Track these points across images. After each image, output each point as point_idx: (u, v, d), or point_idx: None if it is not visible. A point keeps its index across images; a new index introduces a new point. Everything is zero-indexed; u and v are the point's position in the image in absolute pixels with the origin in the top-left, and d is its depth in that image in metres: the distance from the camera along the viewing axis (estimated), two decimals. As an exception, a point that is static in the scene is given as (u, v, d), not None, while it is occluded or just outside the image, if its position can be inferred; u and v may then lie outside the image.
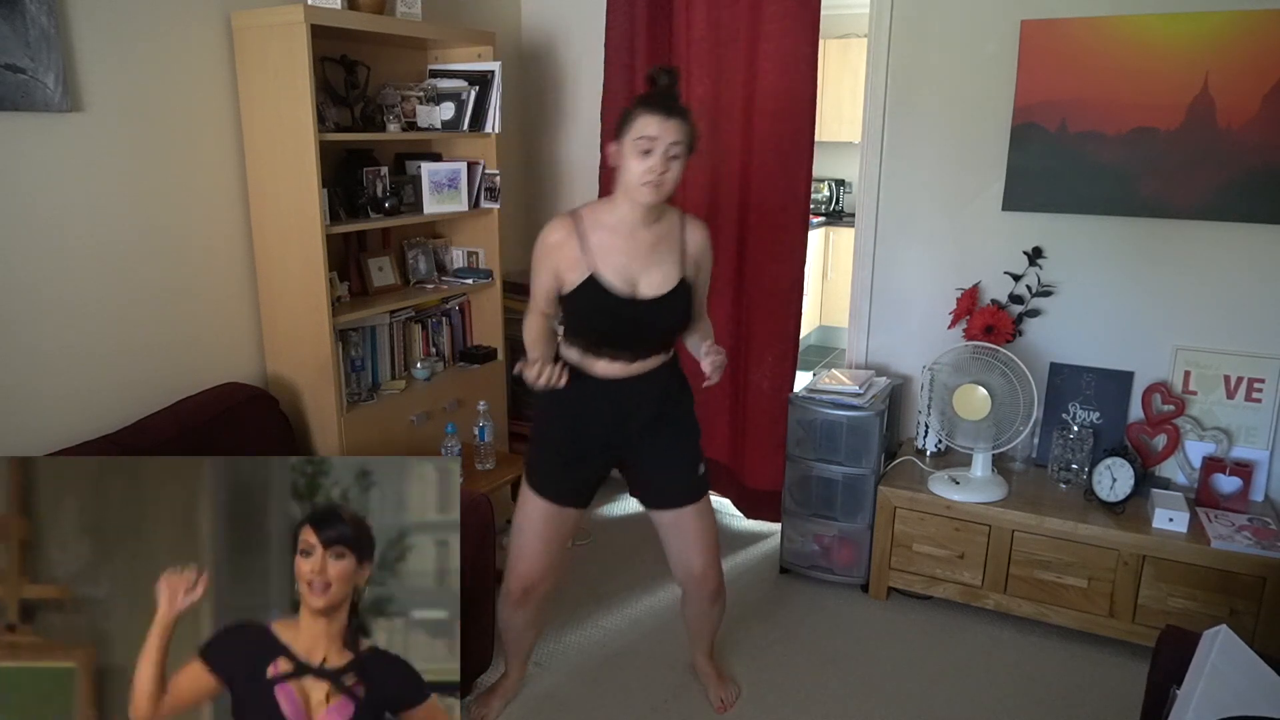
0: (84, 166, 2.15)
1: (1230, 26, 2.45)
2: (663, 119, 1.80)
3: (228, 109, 2.48)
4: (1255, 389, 2.62)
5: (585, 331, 1.97)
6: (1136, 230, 2.71)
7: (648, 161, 1.81)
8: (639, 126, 1.81)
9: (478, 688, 2.36)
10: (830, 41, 5.77)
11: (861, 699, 2.38)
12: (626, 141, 1.84)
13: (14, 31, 1.95)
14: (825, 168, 6.07)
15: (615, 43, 3.19)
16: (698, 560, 2.11)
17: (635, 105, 1.86)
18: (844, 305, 3.56)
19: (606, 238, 1.91)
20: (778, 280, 3.10)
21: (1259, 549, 2.33)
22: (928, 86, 2.91)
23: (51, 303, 2.12)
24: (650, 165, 1.81)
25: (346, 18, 2.43)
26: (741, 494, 3.39)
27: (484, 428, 2.93)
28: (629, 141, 1.83)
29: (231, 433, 2.30)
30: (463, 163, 2.93)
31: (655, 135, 1.80)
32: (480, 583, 2.19)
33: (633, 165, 1.83)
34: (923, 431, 2.99)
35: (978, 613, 2.77)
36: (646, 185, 1.82)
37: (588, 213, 1.95)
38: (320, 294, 2.48)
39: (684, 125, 1.84)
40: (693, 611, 2.27)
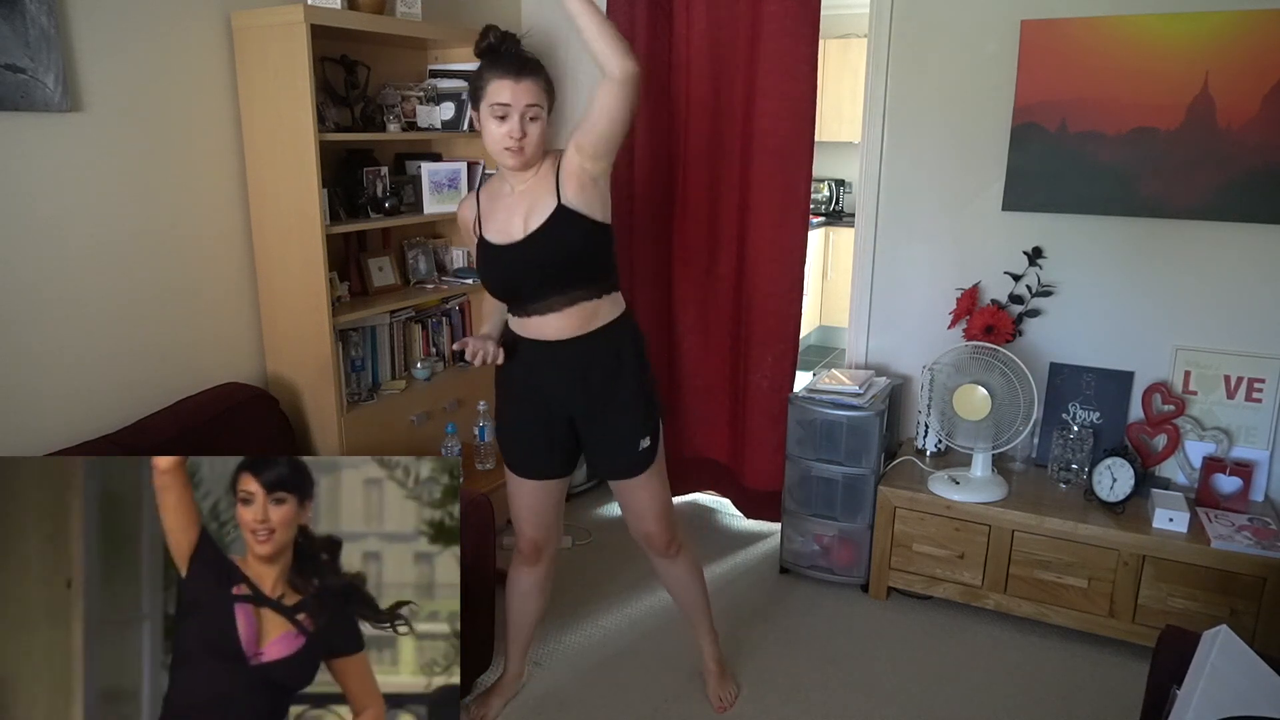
0: (84, 166, 2.15)
1: (1230, 26, 2.46)
2: (514, 82, 1.77)
3: (228, 109, 2.48)
4: (1255, 389, 2.62)
5: (493, 290, 1.99)
6: (1136, 230, 2.71)
7: (504, 127, 1.78)
8: (491, 92, 1.78)
9: (478, 687, 2.36)
10: (830, 41, 5.77)
11: (861, 699, 2.38)
12: (483, 107, 1.80)
13: (14, 31, 1.95)
14: (825, 168, 6.07)
15: (615, 43, 3.19)
16: (641, 524, 2.13)
17: (482, 67, 1.81)
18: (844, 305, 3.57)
19: (494, 202, 1.93)
20: (777, 280, 3.10)
21: (1259, 549, 2.33)
22: (928, 86, 2.91)
23: (51, 303, 2.12)
24: (508, 130, 1.78)
25: (346, 18, 2.44)
26: (742, 494, 3.39)
27: (484, 427, 2.94)
28: (484, 107, 1.79)
29: (231, 433, 2.30)
30: (463, 163, 2.94)
31: (508, 101, 1.77)
32: (480, 583, 2.20)
33: (491, 131, 1.80)
34: (923, 431, 2.99)
35: (978, 613, 2.77)
36: (507, 151, 1.80)
37: (487, 184, 1.98)
38: (320, 294, 2.48)
39: (538, 84, 1.79)
40: (663, 577, 2.27)
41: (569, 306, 1.90)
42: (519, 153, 1.80)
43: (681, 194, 3.26)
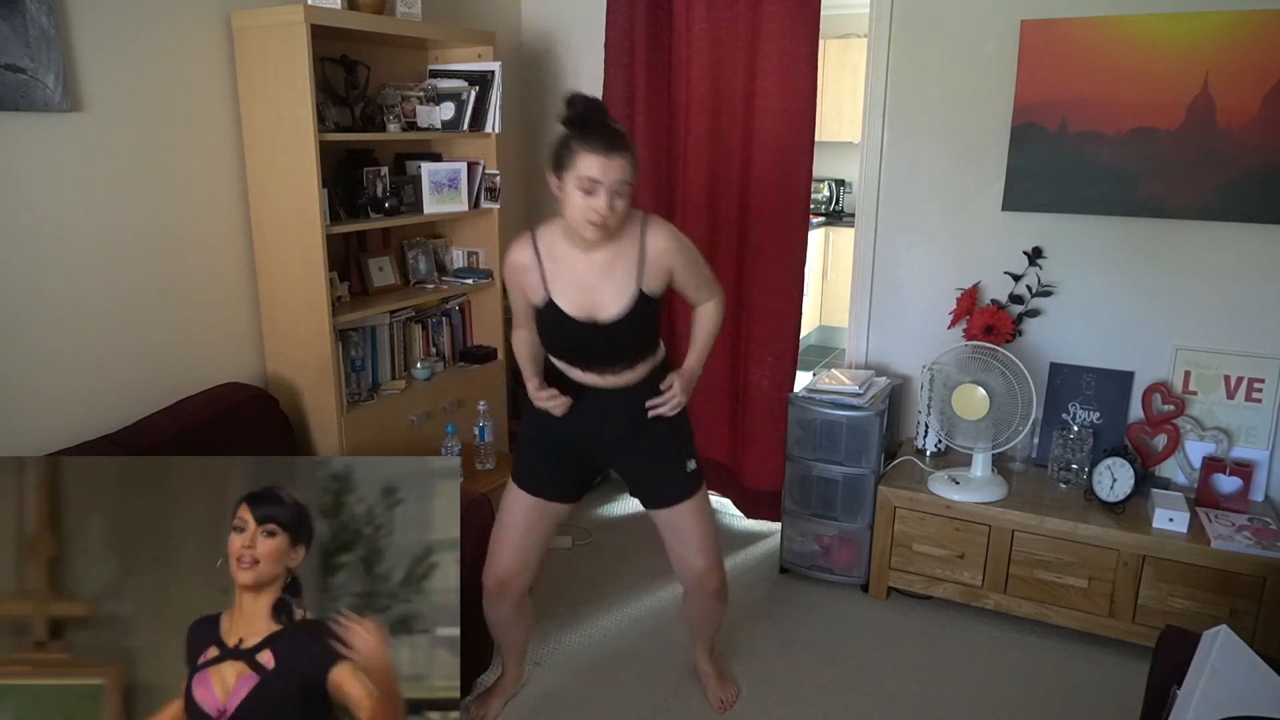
0: (84, 166, 2.15)
1: (1230, 26, 2.45)
2: (604, 159, 1.73)
3: (228, 109, 2.48)
4: (1255, 389, 2.62)
5: (553, 351, 2.00)
6: (1136, 230, 2.71)
7: (592, 202, 1.75)
8: (581, 166, 1.74)
9: (478, 688, 2.36)
10: (830, 41, 5.77)
11: (861, 699, 2.38)
12: (569, 178, 1.77)
13: (14, 31, 1.94)
14: (825, 168, 6.07)
15: (615, 43, 3.19)
16: (697, 560, 2.11)
17: (573, 138, 1.77)
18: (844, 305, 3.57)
19: (561, 262, 1.90)
20: (778, 280, 3.10)
21: (1259, 549, 2.33)
22: (928, 86, 2.91)
23: (51, 303, 2.12)
24: (595, 205, 1.76)
25: (346, 18, 2.43)
26: (742, 494, 3.39)
27: (484, 428, 2.94)
28: (571, 178, 1.77)
29: (231, 433, 2.30)
30: (463, 163, 2.93)
31: (598, 177, 1.74)
32: (480, 583, 2.19)
33: (576, 202, 1.77)
34: (923, 431, 2.99)
35: (978, 613, 2.77)
36: (591, 224, 1.78)
37: (545, 233, 1.94)
38: (320, 294, 2.48)
39: (627, 161, 1.77)
40: (694, 609, 2.26)
41: (620, 373, 1.96)
42: (603, 228, 1.79)
43: (682, 194, 3.26)
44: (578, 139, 1.76)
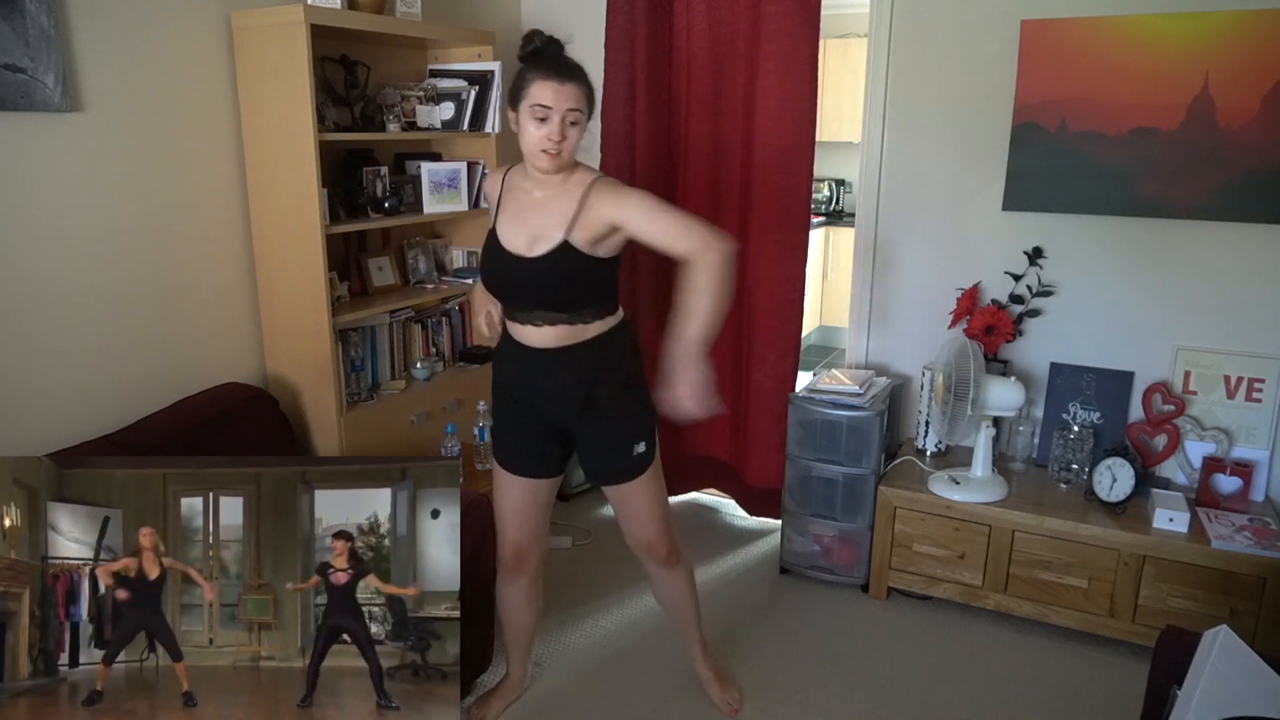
0: (84, 166, 2.15)
1: (1230, 26, 2.45)
2: (558, 84, 1.76)
3: (228, 109, 2.48)
4: (1255, 389, 2.62)
5: (486, 280, 1.99)
6: (1137, 230, 2.71)
7: (544, 129, 1.78)
8: (533, 93, 1.77)
9: (478, 688, 2.36)
10: (830, 41, 5.77)
11: (861, 699, 2.38)
12: (523, 108, 1.80)
13: (13, 31, 1.94)
14: (825, 168, 6.06)
15: (615, 43, 3.19)
16: (643, 531, 2.10)
17: (526, 68, 1.80)
18: (844, 305, 3.57)
19: (514, 193, 1.94)
20: (779, 280, 3.10)
21: (1259, 549, 2.33)
22: (928, 86, 2.91)
23: (51, 302, 2.12)
24: (547, 133, 1.78)
25: (346, 17, 2.43)
26: (744, 492, 3.39)
27: (484, 428, 2.93)
28: (524, 108, 1.79)
29: (231, 433, 2.30)
30: (463, 163, 2.93)
31: (550, 103, 1.76)
32: (480, 583, 2.19)
33: (530, 132, 1.80)
34: (923, 431, 2.99)
35: (978, 613, 2.76)
36: (544, 153, 1.80)
37: (518, 167, 1.97)
38: (320, 294, 2.48)
39: (580, 89, 1.79)
40: (658, 585, 2.24)
41: (548, 326, 1.91)
42: (556, 156, 1.80)
43: (682, 194, 3.26)
44: (531, 68, 1.79)
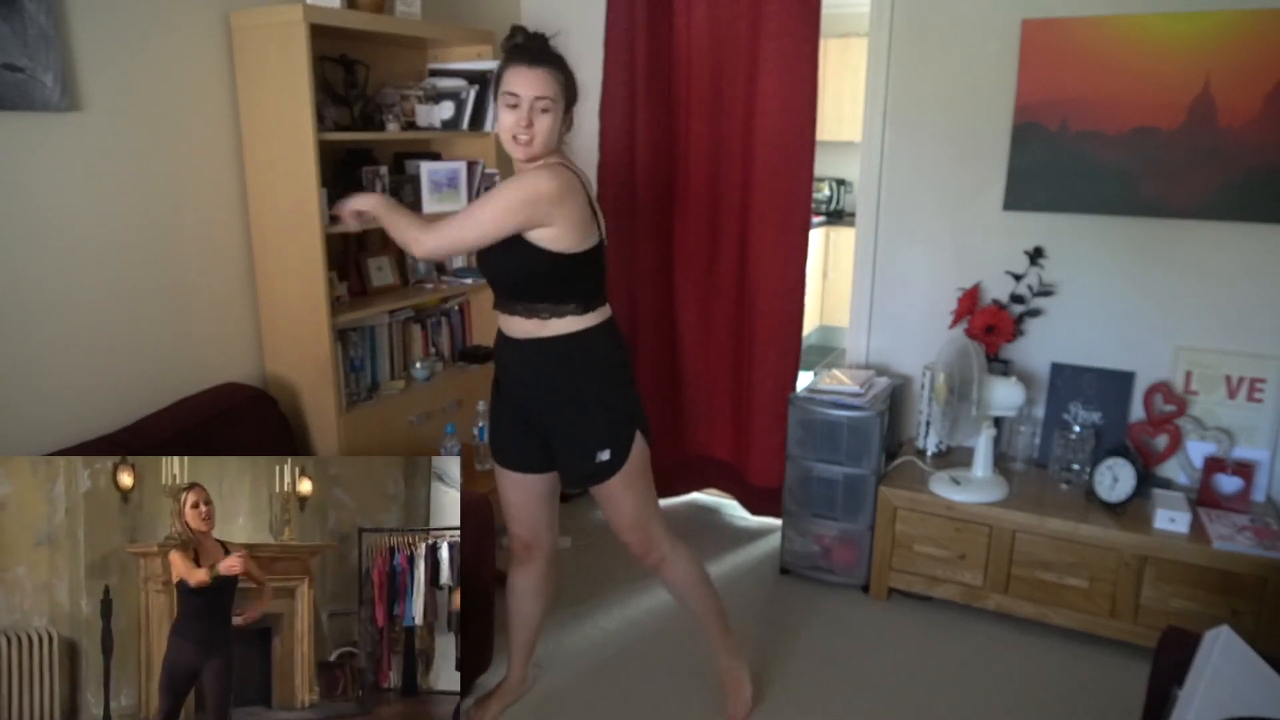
0: (83, 166, 2.15)
1: (1231, 26, 2.45)
2: (526, 69, 1.75)
3: (227, 109, 2.48)
4: (1257, 389, 2.61)
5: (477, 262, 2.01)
6: (1137, 230, 2.70)
7: (513, 116, 1.76)
8: (505, 81, 1.77)
9: (478, 689, 2.35)
10: (830, 41, 5.77)
11: (862, 699, 2.38)
12: (499, 98, 1.80)
13: (13, 31, 1.94)
14: (825, 168, 6.06)
15: (615, 42, 3.19)
16: (619, 534, 2.10)
17: (504, 60, 1.81)
18: (844, 305, 3.56)
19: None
20: (780, 279, 3.09)
21: (1260, 549, 2.33)
22: (928, 86, 2.91)
23: (51, 302, 2.12)
24: (515, 121, 1.76)
25: (346, 17, 2.43)
26: (746, 491, 3.39)
27: (483, 428, 2.93)
28: (500, 97, 1.79)
29: (230, 433, 2.29)
30: (462, 162, 2.93)
31: (518, 91, 1.75)
32: (480, 583, 2.19)
33: (502, 119, 1.79)
34: (923, 431, 2.98)
35: (978, 613, 2.76)
36: (514, 140, 1.78)
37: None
38: (319, 294, 2.48)
39: (552, 76, 1.77)
40: (669, 590, 2.23)
41: (515, 316, 1.91)
42: (525, 145, 1.78)
43: (682, 193, 3.25)
44: (507, 59, 1.79)
